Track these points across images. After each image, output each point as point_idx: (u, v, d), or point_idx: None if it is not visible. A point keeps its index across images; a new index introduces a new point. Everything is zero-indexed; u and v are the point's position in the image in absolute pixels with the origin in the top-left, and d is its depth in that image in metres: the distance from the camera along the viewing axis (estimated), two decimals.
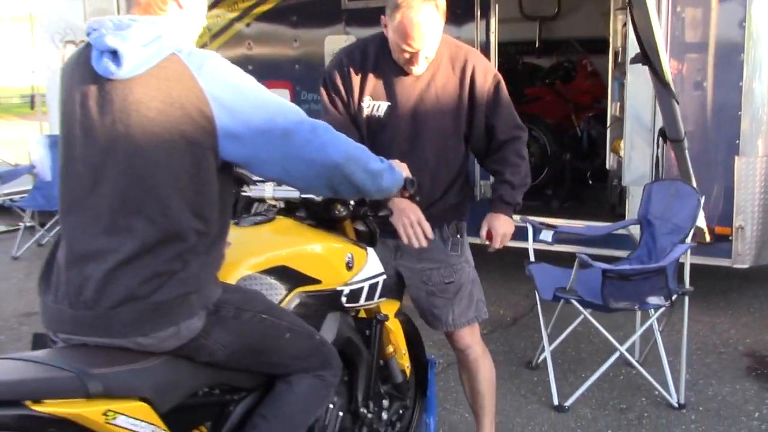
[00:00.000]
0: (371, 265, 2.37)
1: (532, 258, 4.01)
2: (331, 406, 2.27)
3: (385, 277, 2.44)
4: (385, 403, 2.70)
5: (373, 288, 2.37)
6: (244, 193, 2.35)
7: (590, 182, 6.46)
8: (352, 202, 2.39)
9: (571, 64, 6.98)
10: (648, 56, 3.67)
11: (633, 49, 3.96)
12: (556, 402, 3.58)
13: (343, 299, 2.26)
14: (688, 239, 3.63)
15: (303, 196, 2.27)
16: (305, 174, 1.84)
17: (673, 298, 3.46)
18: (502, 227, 2.68)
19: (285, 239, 2.21)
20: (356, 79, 2.64)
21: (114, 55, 1.69)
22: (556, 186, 6.08)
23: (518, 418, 3.52)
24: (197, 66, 1.71)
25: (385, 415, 2.70)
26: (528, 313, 4.90)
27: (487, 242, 2.70)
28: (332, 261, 2.21)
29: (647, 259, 3.86)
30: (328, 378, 2.05)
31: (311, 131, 1.80)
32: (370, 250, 2.40)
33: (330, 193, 1.96)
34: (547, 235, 4.02)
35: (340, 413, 2.32)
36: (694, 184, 3.98)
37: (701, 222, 3.98)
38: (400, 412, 2.90)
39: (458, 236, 2.84)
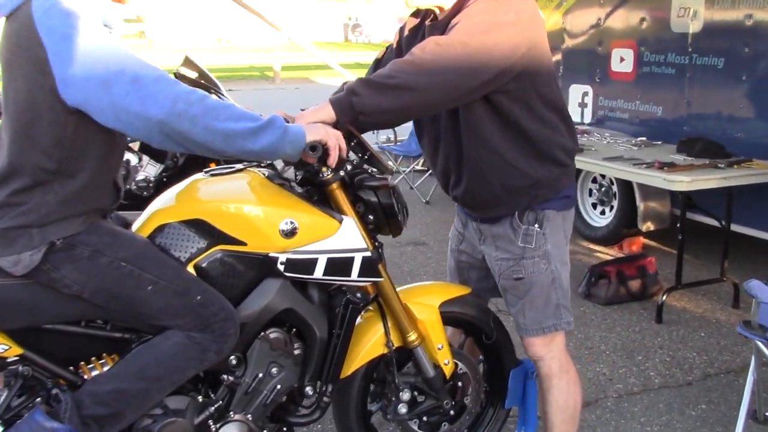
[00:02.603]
0: (340, 238, 2.14)
1: None
2: (261, 374, 2.16)
3: (367, 254, 2.18)
4: (405, 396, 2.44)
5: (337, 263, 2.14)
6: None
7: None
8: (348, 167, 2.19)
9: None
10: None
11: None
12: None
13: (280, 267, 2.11)
14: None
15: None
16: (137, 126, 1.80)
17: None
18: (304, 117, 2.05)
19: (220, 193, 2.15)
20: (408, 35, 2.42)
21: None
22: None
23: None
24: (39, 11, 1.80)
25: (403, 409, 2.44)
26: None
27: None
28: (259, 224, 2.06)
29: None
30: (201, 341, 1.97)
31: (131, 82, 1.76)
32: (347, 222, 2.16)
33: (182, 149, 1.87)
34: None
35: (279, 386, 2.19)
36: None
37: None
38: (450, 411, 2.57)
39: (535, 226, 2.36)
